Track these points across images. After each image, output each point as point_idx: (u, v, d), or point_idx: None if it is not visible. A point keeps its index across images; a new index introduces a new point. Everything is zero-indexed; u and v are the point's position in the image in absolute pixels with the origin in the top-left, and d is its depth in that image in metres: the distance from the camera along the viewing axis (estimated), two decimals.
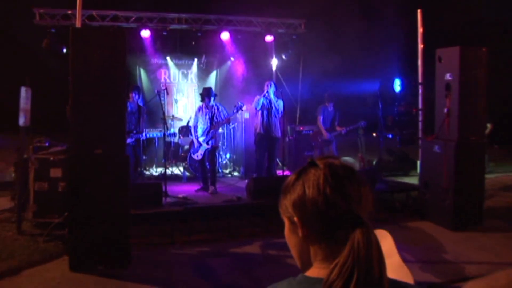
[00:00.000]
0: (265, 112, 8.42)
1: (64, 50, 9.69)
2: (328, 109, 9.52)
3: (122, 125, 5.13)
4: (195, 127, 8.33)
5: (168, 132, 8.43)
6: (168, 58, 11.42)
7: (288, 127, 10.31)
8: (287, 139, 9.86)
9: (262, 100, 8.34)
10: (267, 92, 8.32)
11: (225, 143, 10.27)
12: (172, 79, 11.62)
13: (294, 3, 10.67)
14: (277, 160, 9.28)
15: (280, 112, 8.41)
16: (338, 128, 9.41)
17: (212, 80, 11.77)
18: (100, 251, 4.97)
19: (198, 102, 9.58)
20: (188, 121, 10.00)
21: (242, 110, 8.52)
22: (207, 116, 8.19)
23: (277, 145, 8.59)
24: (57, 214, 5.96)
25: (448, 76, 6.71)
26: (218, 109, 8.24)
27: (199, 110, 8.31)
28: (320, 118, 9.47)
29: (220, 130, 9.63)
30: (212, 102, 8.21)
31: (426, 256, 5.53)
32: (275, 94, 8.54)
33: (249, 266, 5.30)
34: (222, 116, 8.20)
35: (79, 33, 5.07)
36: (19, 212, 6.09)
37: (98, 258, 4.98)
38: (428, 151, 7.09)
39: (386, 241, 1.27)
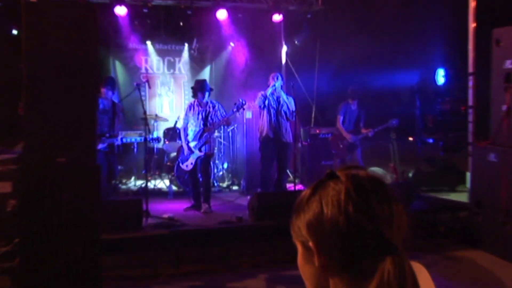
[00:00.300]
0: (272, 111, 8.47)
1: (14, 31, 9.54)
2: (352, 107, 9.58)
3: (92, 127, 5.08)
4: (185, 129, 8.38)
5: (151, 136, 8.42)
6: (149, 42, 11.44)
7: (301, 130, 10.28)
8: (299, 144, 9.88)
9: (267, 96, 8.36)
10: (274, 86, 8.35)
11: (222, 150, 10.29)
12: (155, 69, 11.66)
13: None
14: (288, 171, 9.25)
15: (291, 111, 8.41)
16: (363, 131, 9.43)
17: (206, 71, 11.81)
18: None
19: (189, 99, 9.58)
20: (176, 122, 10.03)
21: (243, 109, 8.57)
22: (200, 116, 8.24)
23: (288, 153, 8.59)
24: (5, 241, 5.86)
25: (508, 64, 6.62)
26: (213, 107, 8.28)
27: (190, 109, 8.35)
28: (340, 118, 9.53)
29: (216, 133, 9.69)
30: (206, 99, 8.28)
31: None
32: (284, 89, 8.58)
33: None
34: (219, 116, 8.25)
35: (34, 9, 5.00)
36: None
37: None
38: (481, 160, 7.02)
39: (420, 277, 1.25)
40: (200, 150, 8.24)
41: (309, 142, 10.13)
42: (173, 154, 9.77)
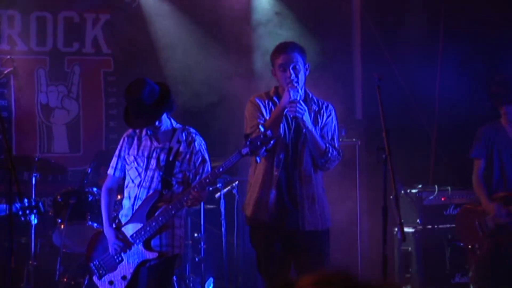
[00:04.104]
0: (277, 154, 4.14)
1: None
2: (509, 133, 4.88)
3: None
4: (113, 191, 4.61)
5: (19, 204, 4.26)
6: None
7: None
8: (399, 235, 5.20)
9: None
10: (292, 89, 4.03)
11: (203, 246, 5.56)
12: (31, 44, 6.19)
13: None
14: None
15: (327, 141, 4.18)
16: None
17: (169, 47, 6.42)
18: None
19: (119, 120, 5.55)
20: (88, 173, 5.57)
21: (268, 149, 4.05)
22: (153, 162, 4.46)
23: (321, 256, 4.14)
24: None
25: None
26: (188, 142, 4.48)
27: (128, 143, 4.56)
28: (480, 168, 4.95)
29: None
30: (168, 122, 4.40)
31: None
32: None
33: None
34: (200, 167, 4.45)
35: None
36: None
37: None
38: None
39: None
40: (147, 244, 4.30)
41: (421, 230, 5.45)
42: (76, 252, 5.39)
